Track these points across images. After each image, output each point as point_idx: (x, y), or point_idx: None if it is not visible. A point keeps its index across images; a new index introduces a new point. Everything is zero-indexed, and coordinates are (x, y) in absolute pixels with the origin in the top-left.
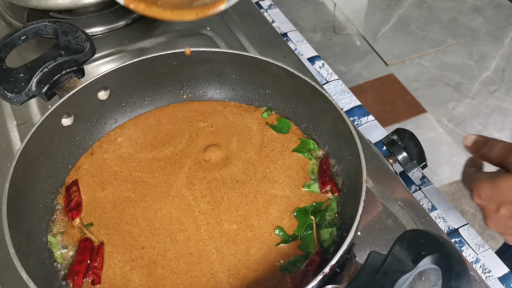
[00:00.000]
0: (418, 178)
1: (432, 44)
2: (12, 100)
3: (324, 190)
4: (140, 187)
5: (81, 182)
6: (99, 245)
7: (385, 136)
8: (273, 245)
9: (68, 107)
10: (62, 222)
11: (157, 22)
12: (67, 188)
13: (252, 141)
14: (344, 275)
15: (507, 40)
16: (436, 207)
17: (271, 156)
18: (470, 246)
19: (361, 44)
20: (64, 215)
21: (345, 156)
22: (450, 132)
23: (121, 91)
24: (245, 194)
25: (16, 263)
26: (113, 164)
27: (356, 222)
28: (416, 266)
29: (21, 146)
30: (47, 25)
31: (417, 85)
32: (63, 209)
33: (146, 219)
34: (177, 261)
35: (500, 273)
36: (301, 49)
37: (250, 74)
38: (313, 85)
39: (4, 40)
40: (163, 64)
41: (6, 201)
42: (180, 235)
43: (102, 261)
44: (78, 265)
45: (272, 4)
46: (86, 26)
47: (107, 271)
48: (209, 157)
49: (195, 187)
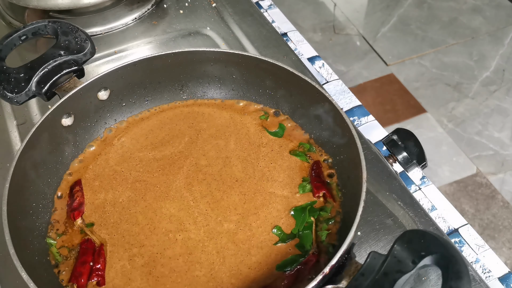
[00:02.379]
0: (418, 178)
1: (432, 44)
2: (12, 100)
3: (317, 195)
4: (140, 186)
5: (82, 181)
6: (100, 246)
7: (385, 136)
8: (272, 244)
9: (68, 107)
10: (62, 222)
11: (157, 22)
12: (71, 188)
13: (250, 141)
14: (344, 275)
15: (507, 40)
16: (436, 207)
17: (270, 156)
18: (470, 246)
19: (361, 44)
20: (64, 215)
21: (345, 156)
22: (450, 132)
23: (121, 91)
24: (244, 192)
25: (16, 263)
26: (114, 163)
27: (356, 222)
28: (416, 266)
29: (21, 146)
30: (47, 25)
31: (417, 85)
32: (64, 209)
33: (146, 218)
34: (176, 259)
35: (500, 273)
36: (301, 49)
37: (250, 74)
38: (313, 85)
39: (4, 40)
40: (163, 64)
41: (6, 201)
42: (180, 234)
43: (104, 262)
44: (81, 267)
45: (272, 4)
46: (86, 26)
47: (109, 271)
48: (209, 156)
49: (195, 187)
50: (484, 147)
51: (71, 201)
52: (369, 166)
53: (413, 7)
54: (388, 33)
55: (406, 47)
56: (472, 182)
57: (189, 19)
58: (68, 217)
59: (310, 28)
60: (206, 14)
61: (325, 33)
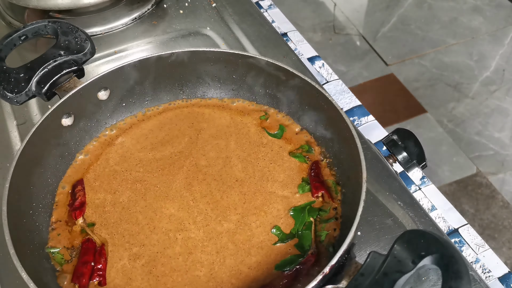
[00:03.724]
0: (418, 178)
1: (432, 44)
2: (12, 100)
3: (316, 195)
4: (140, 186)
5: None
6: (101, 246)
7: (385, 136)
8: (271, 244)
9: (68, 107)
10: (63, 222)
11: (157, 22)
12: (73, 187)
13: (251, 141)
14: (344, 275)
15: (507, 40)
16: (436, 207)
17: (269, 156)
18: (470, 246)
19: (361, 44)
20: (64, 216)
21: (345, 156)
22: (450, 132)
23: (121, 91)
24: (244, 192)
25: (16, 263)
26: (114, 163)
27: (356, 222)
28: (416, 266)
29: (21, 146)
30: (47, 25)
31: (417, 85)
32: (64, 209)
33: (146, 217)
34: (176, 258)
35: (500, 273)
36: (301, 49)
37: (250, 74)
38: (313, 85)
39: (4, 40)
40: (163, 64)
41: (6, 201)
42: (180, 234)
43: (106, 262)
44: (82, 267)
45: (272, 4)
46: (86, 26)
47: (110, 271)
48: (209, 156)
49: (195, 187)
50: (484, 147)
51: (72, 200)
52: (369, 166)
53: (413, 7)
54: (388, 33)
55: (406, 47)
56: (472, 182)
57: (189, 19)
58: (69, 217)
59: (310, 28)
60: (206, 14)
61: (325, 33)
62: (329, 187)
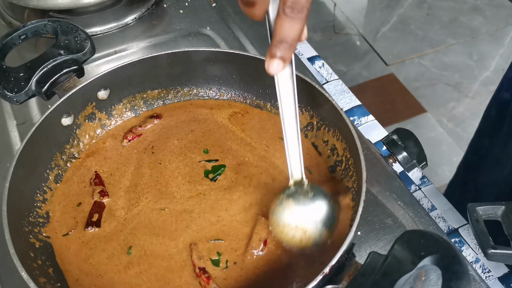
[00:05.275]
0: (418, 178)
1: (432, 44)
2: (11, 99)
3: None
4: (140, 188)
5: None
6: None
7: (385, 136)
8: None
9: (68, 106)
10: (63, 222)
11: (157, 22)
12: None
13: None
14: (344, 275)
15: (507, 40)
16: (436, 207)
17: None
18: (470, 246)
19: (361, 44)
20: (63, 215)
21: (345, 156)
22: (450, 132)
23: (121, 91)
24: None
25: (16, 263)
26: (113, 163)
27: (356, 222)
28: (416, 267)
29: (21, 146)
30: (47, 24)
31: (417, 85)
32: (63, 209)
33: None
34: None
35: (500, 273)
36: (301, 49)
37: (250, 74)
38: (313, 85)
39: (4, 40)
40: (163, 64)
41: (6, 201)
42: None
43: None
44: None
45: None
46: (86, 26)
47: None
48: (211, 156)
49: (196, 187)
50: None
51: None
52: (369, 166)
53: (413, 7)
54: (388, 33)
55: (406, 47)
56: None
57: (189, 19)
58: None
59: (310, 28)
60: (206, 14)
61: (325, 33)
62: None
